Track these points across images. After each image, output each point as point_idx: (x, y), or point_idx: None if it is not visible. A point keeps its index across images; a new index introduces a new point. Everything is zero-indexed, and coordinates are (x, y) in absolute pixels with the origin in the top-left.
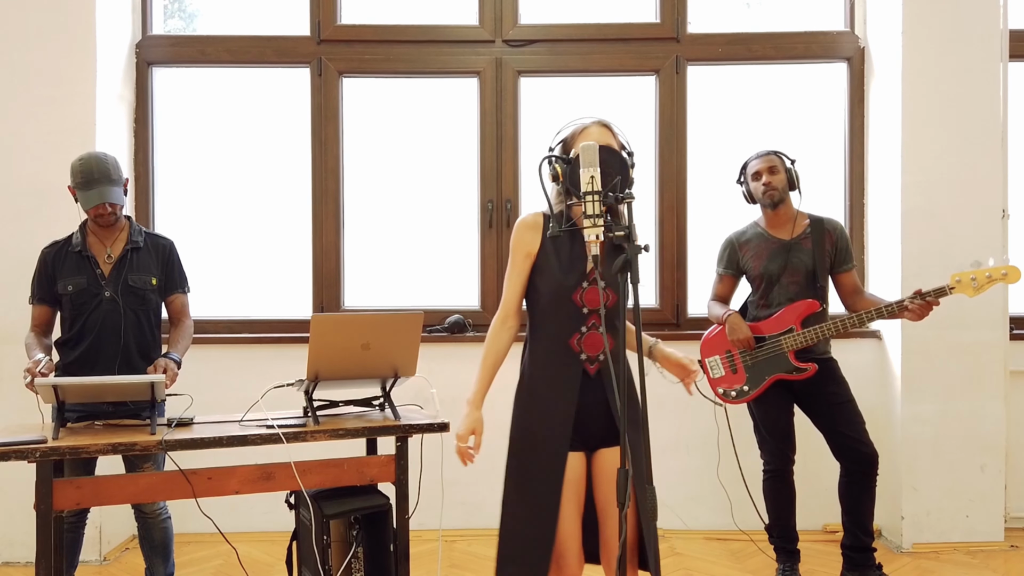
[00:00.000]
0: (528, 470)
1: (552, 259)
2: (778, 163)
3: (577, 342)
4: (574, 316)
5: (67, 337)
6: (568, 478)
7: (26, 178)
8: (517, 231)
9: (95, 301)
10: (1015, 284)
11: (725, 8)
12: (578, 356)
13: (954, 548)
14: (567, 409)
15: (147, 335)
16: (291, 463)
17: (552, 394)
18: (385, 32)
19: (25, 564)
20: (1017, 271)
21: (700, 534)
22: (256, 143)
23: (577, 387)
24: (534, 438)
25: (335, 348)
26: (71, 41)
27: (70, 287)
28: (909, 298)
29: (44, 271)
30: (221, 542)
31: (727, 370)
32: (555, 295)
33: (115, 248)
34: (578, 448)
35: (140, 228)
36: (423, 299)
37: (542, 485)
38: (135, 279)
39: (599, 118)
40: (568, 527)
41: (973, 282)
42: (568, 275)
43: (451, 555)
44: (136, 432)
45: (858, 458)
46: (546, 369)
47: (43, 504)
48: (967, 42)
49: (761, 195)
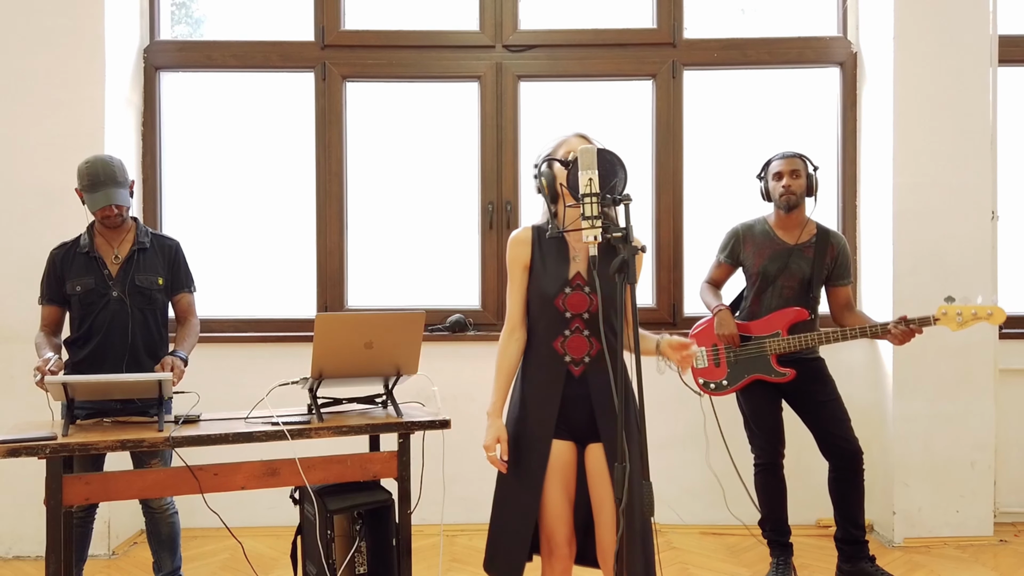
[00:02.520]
0: (516, 462)
1: (539, 267)
2: (801, 167)
3: (561, 344)
4: (558, 320)
5: (76, 336)
6: (554, 464)
7: (35, 180)
8: (510, 248)
9: (103, 301)
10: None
11: (720, 14)
12: (562, 358)
13: (944, 543)
14: (551, 408)
15: (154, 334)
16: (296, 459)
17: (539, 392)
18: (388, 37)
19: (35, 558)
20: (1002, 313)
21: (696, 528)
22: (261, 146)
23: (561, 385)
24: (522, 433)
25: (339, 347)
26: (80, 46)
27: (78, 287)
28: (894, 323)
29: (53, 272)
30: (227, 536)
31: (710, 363)
32: (540, 300)
33: (122, 249)
34: (565, 437)
35: (146, 229)
36: (425, 299)
37: (527, 473)
38: (142, 279)
39: (578, 131)
40: (556, 510)
41: (958, 316)
42: (552, 282)
43: (452, 549)
44: (144, 429)
45: (843, 454)
46: (534, 369)
47: (53, 499)
48: (957, 47)
49: (778, 196)
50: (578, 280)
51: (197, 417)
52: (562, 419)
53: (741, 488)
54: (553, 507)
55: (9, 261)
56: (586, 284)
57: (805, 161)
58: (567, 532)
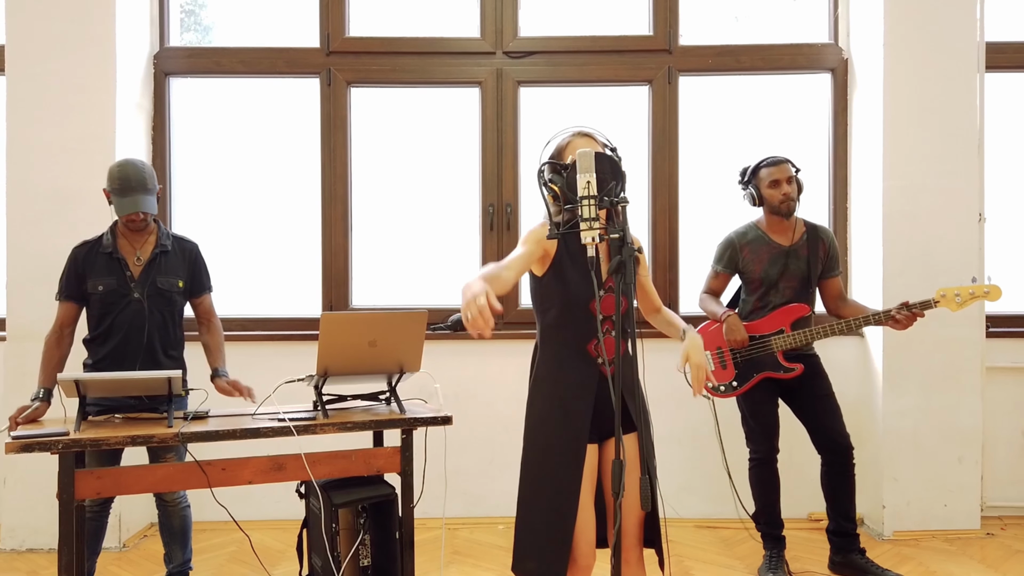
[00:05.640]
0: (548, 465)
1: (569, 269)
2: (791, 172)
3: (595, 347)
4: (590, 323)
5: (95, 335)
6: (585, 471)
7: (49, 182)
8: (537, 233)
9: (123, 302)
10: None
11: (715, 22)
12: (595, 360)
13: (933, 536)
14: (586, 407)
15: (171, 334)
16: (301, 454)
17: (570, 394)
18: (391, 44)
19: (48, 551)
20: (998, 290)
21: (691, 522)
22: (268, 150)
23: (595, 386)
24: (553, 435)
25: (343, 345)
26: (92, 53)
27: (100, 287)
28: (896, 308)
29: (74, 269)
30: (235, 530)
31: (717, 365)
32: (573, 303)
33: (144, 251)
34: (593, 440)
35: (168, 232)
36: (427, 298)
37: (563, 479)
38: (163, 281)
39: (581, 128)
40: (584, 518)
41: (957, 297)
42: (585, 286)
43: (454, 542)
44: (154, 425)
45: (836, 449)
46: (564, 371)
47: (65, 493)
48: (945, 54)
49: (779, 204)
50: (610, 283)
51: (206, 413)
52: (591, 422)
53: (736, 484)
54: (583, 516)
55: (23, 262)
56: (605, 284)
57: (791, 164)
58: (592, 540)
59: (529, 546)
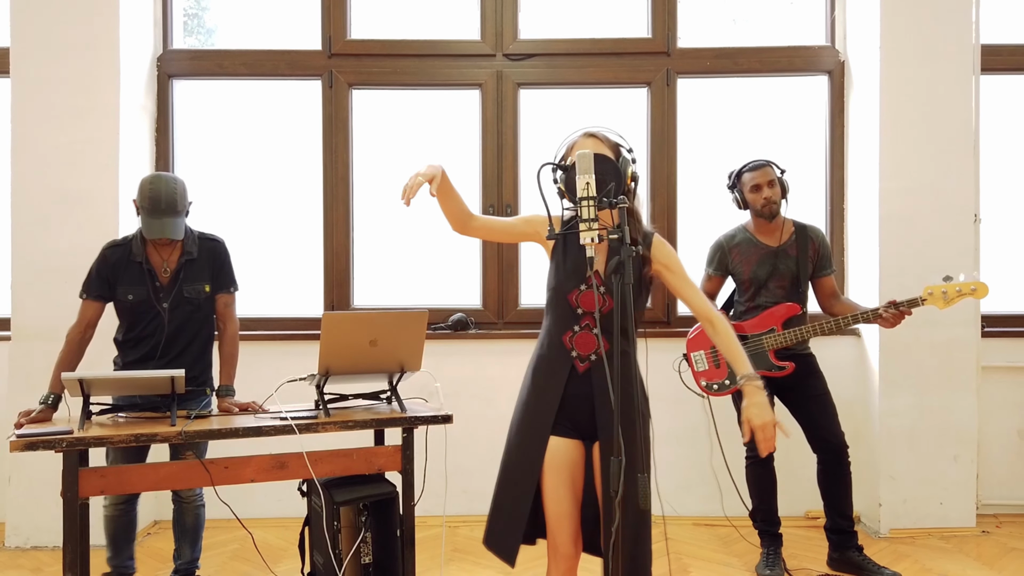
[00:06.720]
0: (510, 448)
1: (560, 259)
2: (774, 175)
3: (569, 339)
4: (568, 315)
5: (126, 339)
6: (559, 462)
7: (53, 184)
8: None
9: (152, 312)
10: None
11: (713, 24)
12: (569, 353)
13: (928, 534)
14: (552, 398)
15: (201, 335)
16: (303, 453)
17: (541, 383)
18: (392, 46)
19: (52, 548)
20: (985, 287)
21: (689, 520)
22: (270, 151)
23: (564, 379)
24: (525, 418)
25: (345, 344)
26: (96, 55)
27: (130, 296)
28: (884, 307)
29: (104, 269)
30: (238, 527)
31: (711, 365)
32: (556, 293)
33: (171, 260)
34: (572, 435)
35: (195, 236)
36: (428, 298)
37: (521, 465)
38: (189, 290)
39: (588, 129)
40: (559, 508)
41: (944, 295)
42: (569, 277)
43: (454, 540)
44: (157, 423)
45: (831, 447)
46: (542, 361)
47: (69, 491)
48: (941, 56)
49: (761, 208)
50: (599, 281)
51: (209, 412)
52: (567, 416)
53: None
54: (556, 505)
55: (28, 263)
56: (602, 284)
57: (774, 167)
58: (572, 531)
59: (495, 522)
